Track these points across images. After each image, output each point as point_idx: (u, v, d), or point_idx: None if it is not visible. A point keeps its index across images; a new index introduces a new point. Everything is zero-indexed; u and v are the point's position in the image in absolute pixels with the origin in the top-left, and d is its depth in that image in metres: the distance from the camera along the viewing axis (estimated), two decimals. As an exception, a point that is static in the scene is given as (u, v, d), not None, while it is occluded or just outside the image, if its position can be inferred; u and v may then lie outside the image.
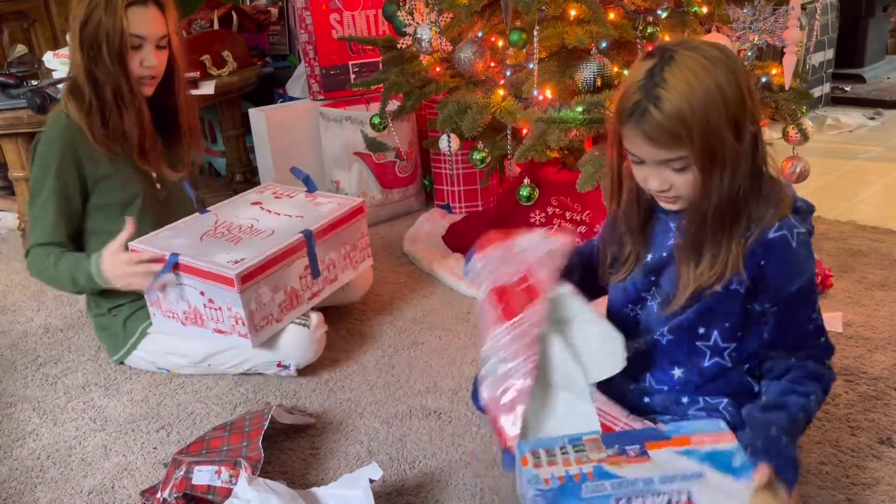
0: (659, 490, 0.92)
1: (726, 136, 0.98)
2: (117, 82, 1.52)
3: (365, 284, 1.92)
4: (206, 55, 2.64)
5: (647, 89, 0.98)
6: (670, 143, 0.99)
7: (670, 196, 1.06)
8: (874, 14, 3.87)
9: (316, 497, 1.15)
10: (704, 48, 1.00)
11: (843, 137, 3.25)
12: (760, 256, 1.04)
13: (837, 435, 1.30)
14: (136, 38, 1.51)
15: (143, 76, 1.55)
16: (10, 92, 2.28)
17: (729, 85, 0.98)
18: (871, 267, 1.93)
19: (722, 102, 0.97)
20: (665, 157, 1.01)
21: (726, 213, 1.03)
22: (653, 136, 0.99)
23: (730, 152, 0.99)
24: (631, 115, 1.00)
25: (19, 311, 2.05)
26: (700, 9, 1.65)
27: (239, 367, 1.60)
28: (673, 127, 0.97)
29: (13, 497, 1.30)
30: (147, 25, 1.51)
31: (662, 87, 0.97)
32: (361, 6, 2.60)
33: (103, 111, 1.54)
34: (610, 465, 0.96)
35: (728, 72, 0.98)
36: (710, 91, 0.97)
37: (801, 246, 1.04)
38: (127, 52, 1.51)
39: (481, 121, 1.69)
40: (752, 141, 1.01)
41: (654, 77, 0.98)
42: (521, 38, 1.59)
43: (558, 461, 0.98)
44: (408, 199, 2.65)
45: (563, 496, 0.93)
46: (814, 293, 1.08)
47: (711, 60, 0.98)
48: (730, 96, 0.98)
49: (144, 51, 1.53)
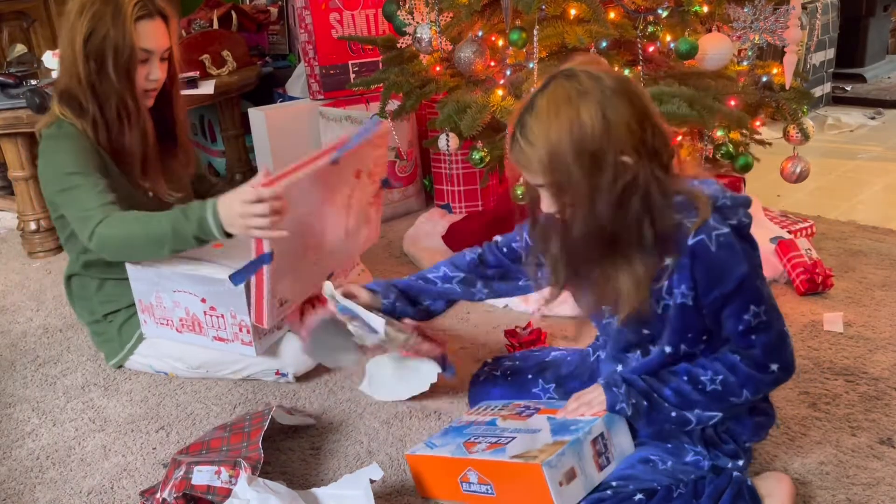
0: (500, 434, 1.17)
1: (573, 170, 0.99)
2: (122, 96, 1.48)
3: None
4: (205, 55, 2.64)
5: (521, 115, 1.03)
6: (533, 168, 1.03)
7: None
8: (875, 14, 3.87)
9: (316, 497, 1.15)
10: (581, 78, 1.00)
11: (844, 137, 3.25)
12: (688, 265, 1.04)
13: (838, 435, 1.30)
14: (145, 52, 1.48)
15: (148, 89, 1.53)
16: (10, 92, 2.28)
17: (591, 118, 0.98)
18: (871, 267, 1.93)
19: (576, 135, 0.98)
20: (535, 183, 1.05)
21: (594, 242, 1.04)
22: (517, 160, 1.04)
23: (577, 186, 1.00)
24: (509, 143, 1.05)
25: (19, 311, 2.05)
26: (700, 8, 1.65)
27: (237, 373, 1.59)
28: (532, 153, 1.01)
29: (12, 497, 1.30)
30: (155, 39, 1.49)
31: (528, 114, 1.02)
32: (361, 6, 2.60)
33: (108, 126, 1.50)
34: (502, 419, 1.24)
35: (595, 105, 0.98)
36: (563, 123, 0.99)
37: (722, 247, 1.03)
38: (135, 67, 1.48)
39: (481, 120, 1.69)
40: (633, 173, 1.00)
41: (529, 102, 1.02)
42: (521, 37, 1.59)
43: (485, 412, 1.30)
44: (408, 199, 2.64)
45: (452, 430, 1.27)
46: (748, 293, 1.05)
47: (580, 93, 0.99)
48: (588, 130, 0.98)
49: (151, 64, 1.51)
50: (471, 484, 1.14)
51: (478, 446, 1.16)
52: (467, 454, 1.15)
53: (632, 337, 1.16)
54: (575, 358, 1.35)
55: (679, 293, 1.06)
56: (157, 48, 1.50)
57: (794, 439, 1.29)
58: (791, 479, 1.16)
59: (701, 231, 1.02)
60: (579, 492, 1.08)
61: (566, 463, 1.06)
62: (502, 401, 1.34)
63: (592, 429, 1.11)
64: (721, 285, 1.04)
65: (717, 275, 1.04)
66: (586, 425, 1.12)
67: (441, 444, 1.22)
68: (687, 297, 1.06)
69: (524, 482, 1.07)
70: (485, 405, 1.35)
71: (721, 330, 1.09)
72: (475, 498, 1.15)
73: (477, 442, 1.17)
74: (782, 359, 1.08)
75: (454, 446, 1.19)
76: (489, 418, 1.26)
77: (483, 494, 1.13)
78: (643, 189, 1.01)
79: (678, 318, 1.09)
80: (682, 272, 1.05)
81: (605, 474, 1.11)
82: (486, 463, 1.12)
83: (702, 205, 1.04)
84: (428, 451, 1.21)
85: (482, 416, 1.29)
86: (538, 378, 1.34)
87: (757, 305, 1.05)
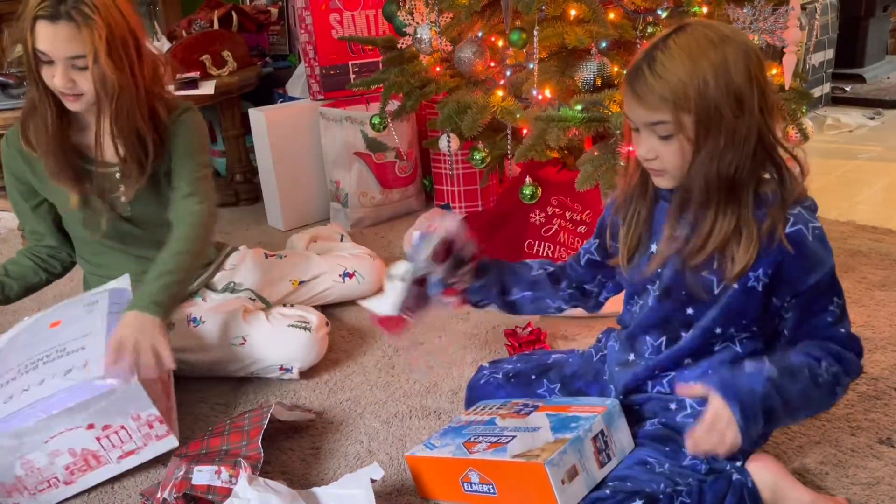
0: (500, 434, 1.17)
1: (725, 110, 0.98)
2: (35, 93, 1.44)
3: (379, 278, 1.94)
4: (205, 55, 2.64)
5: (648, 52, 1.01)
6: (655, 103, 1.00)
7: (656, 168, 1.06)
8: (874, 14, 3.87)
9: (316, 497, 1.15)
10: (721, 27, 1.01)
11: (843, 137, 3.25)
12: (777, 253, 1.04)
13: (837, 435, 1.30)
14: (43, 54, 1.37)
15: (62, 91, 1.41)
16: (10, 92, 2.28)
17: (736, 63, 0.98)
18: (871, 267, 1.93)
19: (724, 76, 0.98)
20: (650, 120, 1.02)
21: (719, 189, 1.03)
22: (639, 92, 1.01)
23: (727, 126, 0.99)
24: (628, 76, 1.02)
25: (19, 311, 2.04)
26: (700, 9, 1.65)
27: (240, 371, 1.60)
28: (660, 87, 0.99)
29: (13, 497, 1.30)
30: (52, 43, 1.35)
31: (661, 51, 0.99)
32: (361, 6, 2.60)
33: (23, 122, 1.49)
34: (501, 418, 1.23)
35: (739, 52, 0.99)
36: (712, 62, 0.98)
37: (817, 240, 1.04)
38: (36, 66, 1.39)
39: (481, 121, 1.69)
40: (758, 126, 1.01)
41: (658, 42, 1.01)
42: (521, 37, 1.59)
43: (483, 411, 1.30)
44: (408, 199, 2.65)
45: (451, 430, 1.27)
46: (833, 287, 1.08)
47: (722, 37, 0.99)
48: (734, 73, 0.98)
49: (55, 68, 1.38)
50: (472, 484, 1.14)
51: (478, 446, 1.16)
52: (468, 454, 1.15)
53: (670, 316, 1.14)
54: (576, 359, 1.35)
55: (753, 276, 1.06)
56: (54, 53, 1.36)
57: (794, 439, 1.29)
58: (770, 456, 1.16)
59: (798, 220, 1.04)
60: (581, 489, 1.08)
61: (568, 461, 1.06)
62: (500, 399, 1.34)
63: (593, 426, 1.11)
64: (817, 274, 1.05)
65: (812, 265, 1.05)
66: (586, 422, 1.12)
67: (441, 444, 1.22)
68: (760, 281, 1.06)
69: (526, 481, 1.07)
70: (483, 404, 1.35)
71: (795, 322, 1.09)
72: (477, 498, 1.15)
73: (477, 442, 1.17)
74: (860, 348, 1.10)
75: (454, 447, 1.19)
76: (488, 417, 1.26)
77: (485, 494, 1.13)
78: (769, 146, 1.03)
79: (739, 301, 1.08)
80: (767, 257, 1.04)
81: (606, 471, 1.11)
82: (488, 463, 1.12)
83: (802, 192, 1.06)
84: (428, 451, 1.21)
85: (481, 415, 1.29)
86: (542, 378, 1.33)
87: (839, 298, 1.08)
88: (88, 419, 1.22)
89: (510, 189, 2.14)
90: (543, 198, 1.89)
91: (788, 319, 1.10)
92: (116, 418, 1.24)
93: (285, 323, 1.61)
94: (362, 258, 1.96)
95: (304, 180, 2.60)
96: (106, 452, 1.27)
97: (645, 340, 1.19)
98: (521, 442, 1.12)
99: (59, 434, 1.21)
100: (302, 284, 1.82)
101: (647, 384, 1.20)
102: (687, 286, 1.10)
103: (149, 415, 1.26)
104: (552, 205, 1.96)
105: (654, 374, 1.18)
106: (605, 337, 1.33)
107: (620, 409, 1.18)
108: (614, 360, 1.25)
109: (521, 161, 1.67)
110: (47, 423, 1.20)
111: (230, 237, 2.49)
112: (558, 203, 1.96)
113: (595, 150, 1.58)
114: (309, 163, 2.59)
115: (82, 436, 1.23)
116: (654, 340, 1.18)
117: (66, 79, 1.38)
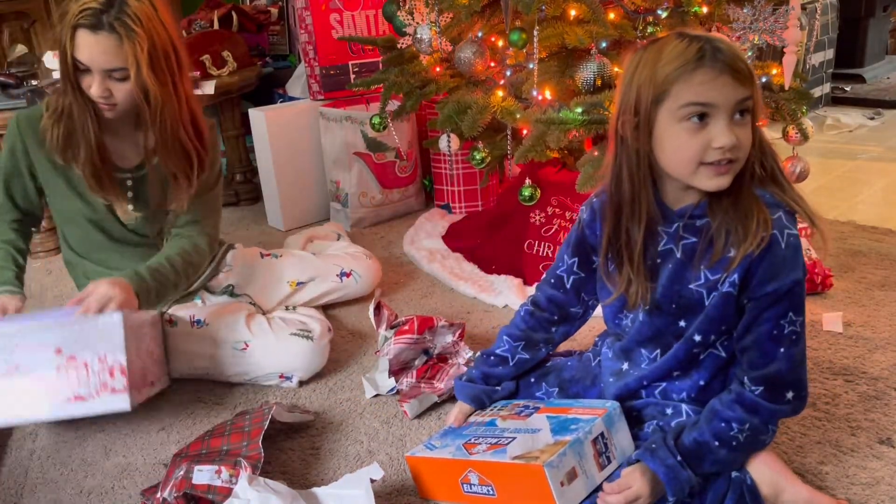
0: (500, 435, 1.17)
1: (756, 90, 1.01)
2: (69, 99, 1.42)
3: (375, 277, 1.95)
4: (206, 55, 2.64)
5: (700, 40, 0.98)
6: (747, 77, 0.98)
7: (732, 158, 1.00)
8: (874, 14, 3.87)
9: (316, 497, 1.15)
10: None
11: (843, 137, 3.25)
12: (751, 255, 1.03)
13: (837, 435, 1.30)
14: (81, 63, 1.35)
15: (99, 100, 1.40)
16: (10, 92, 2.28)
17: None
18: (871, 267, 1.93)
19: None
20: (742, 96, 0.98)
21: (752, 173, 1.05)
22: (737, 66, 0.97)
23: (761, 107, 1.03)
24: (701, 58, 0.97)
25: (19, 311, 2.04)
26: (700, 9, 1.65)
27: (238, 377, 1.59)
28: (744, 61, 0.98)
29: (13, 497, 1.30)
30: (90, 53, 1.34)
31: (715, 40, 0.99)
32: (361, 6, 2.60)
33: (54, 128, 1.45)
34: (501, 419, 1.24)
35: None
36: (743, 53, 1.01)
37: (789, 248, 1.02)
38: (74, 73, 1.37)
39: (481, 121, 1.70)
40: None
41: (698, 34, 1.00)
42: (521, 38, 1.60)
43: (483, 412, 1.30)
44: (408, 199, 2.65)
45: (452, 431, 1.28)
46: (792, 301, 1.03)
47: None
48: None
49: (91, 77, 1.37)
50: (472, 485, 1.14)
51: (478, 447, 1.16)
52: (468, 455, 1.15)
53: (663, 330, 1.14)
54: (574, 363, 1.35)
55: (729, 281, 1.05)
56: (92, 63, 1.34)
57: (794, 439, 1.29)
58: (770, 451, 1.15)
59: (775, 224, 1.02)
60: (581, 492, 1.08)
61: (567, 463, 1.06)
62: (500, 401, 1.34)
63: (593, 428, 1.11)
64: (776, 283, 1.02)
65: (777, 272, 1.02)
66: (587, 425, 1.12)
67: (441, 445, 1.22)
68: (735, 286, 1.05)
69: (526, 483, 1.07)
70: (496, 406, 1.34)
71: (742, 330, 1.06)
72: (476, 499, 1.15)
73: (477, 443, 1.17)
74: (799, 382, 1.06)
75: (454, 447, 1.19)
76: (488, 418, 1.26)
77: (484, 496, 1.13)
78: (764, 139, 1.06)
79: (719, 307, 1.07)
80: (743, 261, 1.03)
81: (606, 474, 1.11)
82: (487, 464, 1.12)
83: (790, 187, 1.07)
84: (428, 452, 1.21)
85: (481, 416, 1.29)
86: (541, 382, 1.33)
87: (796, 315, 1.04)
88: (59, 341, 1.23)
89: (510, 189, 2.15)
90: (543, 198, 1.89)
91: (742, 321, 1.07)
92: (84, 352, 1.23)
93: (288, 331, 1.59)
94: (359, 257, 1.96)
95: (304, 180, 2.60)
96: (57, 387, 1.25)
97: (641, 353, 1.19)
98: (520, 443, 1.12)
99: (28, 347, 1.23)
100: (300, 286, 1.82)
101: (640, 392, 1.20)
102: (677, 299, 1.10)
103: (115, 360, 1.24)
104: (552, 205, 1.97)
105: (644, 384, 1.18)
106: (601, 341, 1.33)
107: (621, 411, 1.17)
108: (608, 370, 1.25)
109: (521, 162, 1.67)
110: (22, 328, 1.26)
111: (230, 237, 2.48)
112: (558, 203, 1.96)
113: (595, 151, 1.58)
114: (309, 163, 2.59)
115: (46, 359, 1.24)
116: (649, 353, 1.18)
117: (103, 88, 1.37)
